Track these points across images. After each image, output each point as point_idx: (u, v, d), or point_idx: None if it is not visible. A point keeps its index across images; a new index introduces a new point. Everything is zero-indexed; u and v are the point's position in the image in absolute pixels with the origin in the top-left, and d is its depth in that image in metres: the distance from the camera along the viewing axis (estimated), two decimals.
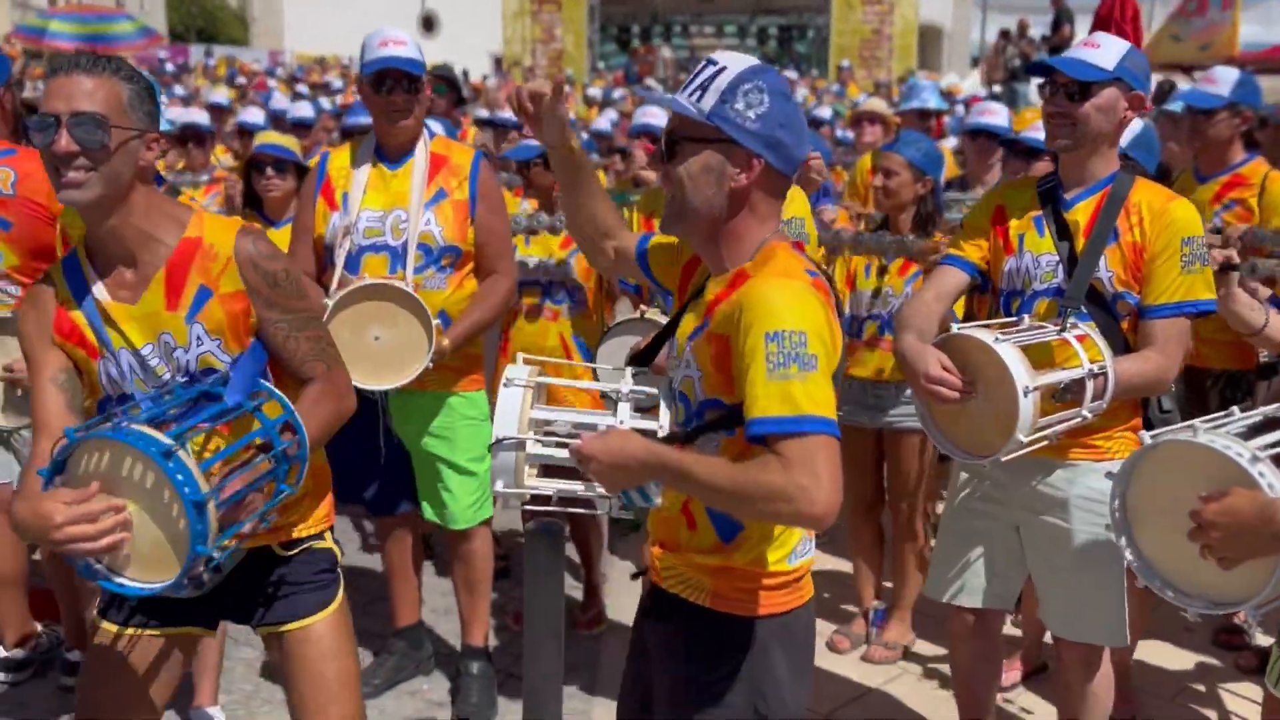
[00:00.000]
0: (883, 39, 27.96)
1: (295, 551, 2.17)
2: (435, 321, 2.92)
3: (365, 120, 7.25)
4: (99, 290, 2.00)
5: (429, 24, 35.74)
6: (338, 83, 16.41)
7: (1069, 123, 2.41)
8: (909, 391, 3.28)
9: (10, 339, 2.84)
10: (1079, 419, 2.31)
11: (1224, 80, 3.74)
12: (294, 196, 4.01)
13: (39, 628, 3.49)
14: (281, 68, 21.56)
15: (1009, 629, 3.44)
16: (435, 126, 4.61)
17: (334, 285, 3.02)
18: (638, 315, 3.42)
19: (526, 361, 1.93)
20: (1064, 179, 2.51)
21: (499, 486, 1.81)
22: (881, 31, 28.02)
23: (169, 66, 15.02)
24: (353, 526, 4.76)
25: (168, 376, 2.01)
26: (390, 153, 3.15)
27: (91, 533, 1.72)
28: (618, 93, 16.72)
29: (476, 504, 3.29)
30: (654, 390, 1.88)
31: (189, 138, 5.48)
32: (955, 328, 2.34)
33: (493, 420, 1.83)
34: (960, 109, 11.21)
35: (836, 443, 1.62)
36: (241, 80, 15.45)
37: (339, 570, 2.26)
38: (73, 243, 2.90)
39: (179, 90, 11.41)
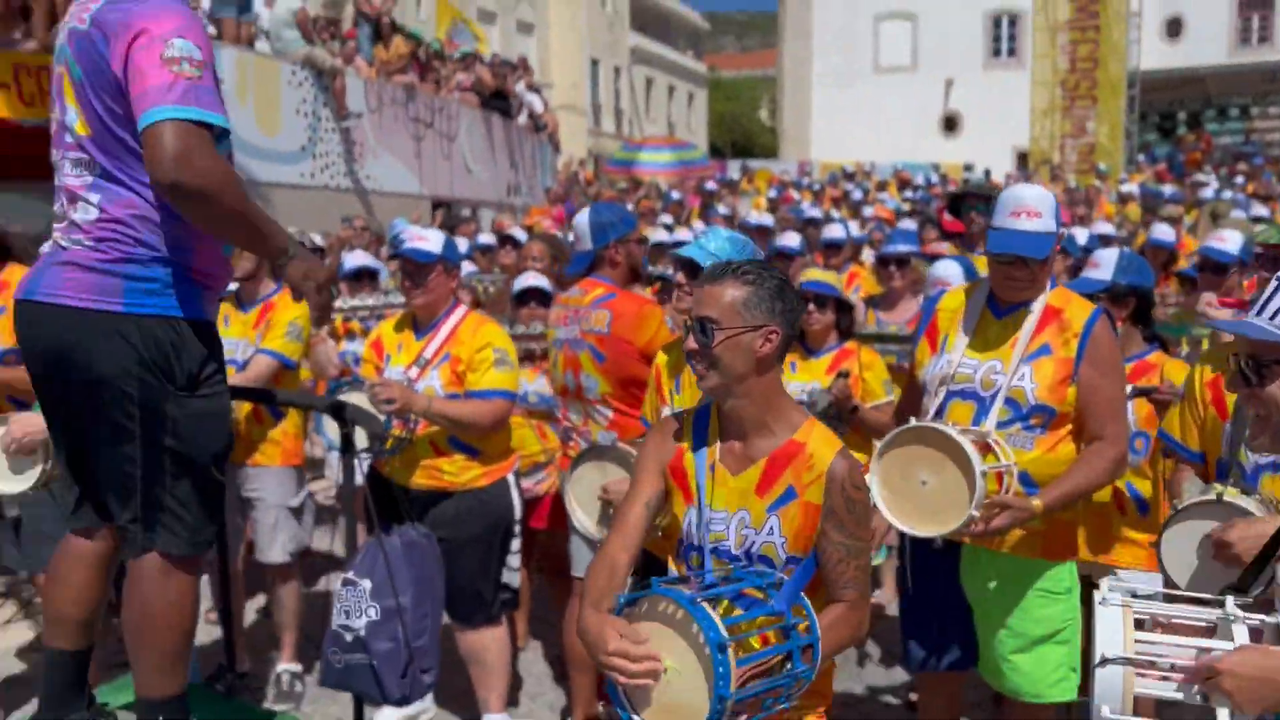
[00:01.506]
0: None
1: None
2: (981, 468, 2.74)
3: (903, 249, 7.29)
4: (714, 451, 2.24)
5: (950, 124, 35.81)
6: (857, 193, 16.83)
7: None
8: None
9: (609, 463, 3.18)
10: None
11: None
12: (830, 329, 4.16)
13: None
14: (808, 177, 22.79)
15: None
16: (953, 268, 4.54)
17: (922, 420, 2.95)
18: (1213, 497, 2.97)
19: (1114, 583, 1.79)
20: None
21: (1105, 713, 1.71)
22: None
23: (709, 185, 16.62)
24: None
25: (727, 545, 2.18)
26: (1001, 303, 3.01)
27: (628, 669, 1.95)
28: (1168, 189, 15.22)
29: (1048, 680, 2.99)
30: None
31: None
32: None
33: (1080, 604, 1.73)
34: None
35: None
36: (772, 194, 16.55)
37: None
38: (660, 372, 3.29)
39: (721, 209, 12.51)
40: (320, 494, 4.79)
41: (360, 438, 3.09)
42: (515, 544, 3.82)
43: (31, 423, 3.48)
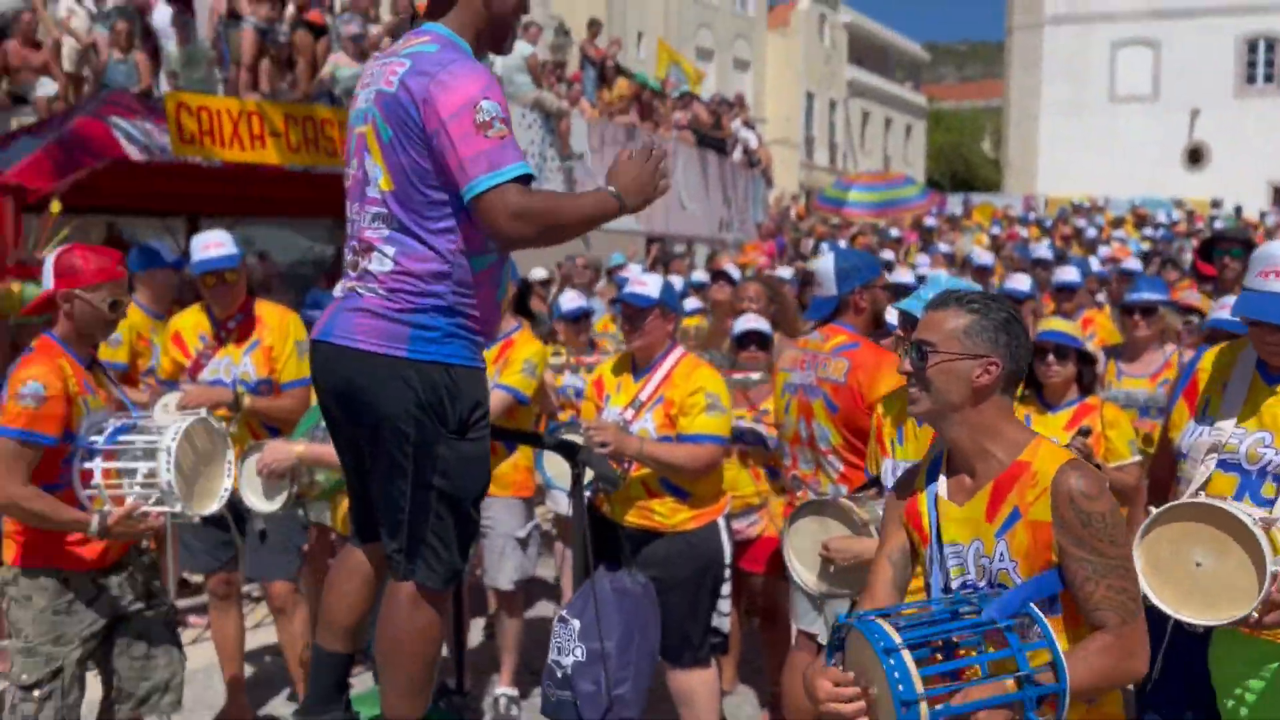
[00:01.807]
0: None
1: None
2: (1272, 568, 2.39)
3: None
4: (941, 485, 2.20)
5: (1195, 156, 33.35)
6: (1090, 230, 15.88)
7: None
8: None
9: (829, 518, 3.10)
10: None
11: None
12: (1070, 383, 3.92)
13: None
14: (1033, 212, 21.75)
15: None
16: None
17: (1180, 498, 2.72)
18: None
19: None
20: None
21: None
22: None
23: (929, 221, 16.13)
24: None
25: (970, 579, 2.11)
26: (1271, 368, 2.69)
27: (844, 712, 1.96)
28: None
29: None
30: None
31: None
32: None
33: None
34: None
35: None
36: (995, 230, 15.89)
37: None
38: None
39: (942, 247, 12.13)
40: (541, 520, 4.95)
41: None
42: (725, 588, 3.81)
43: (280, 450, 3.79)
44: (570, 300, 5.98)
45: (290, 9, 9.92)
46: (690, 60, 23.08)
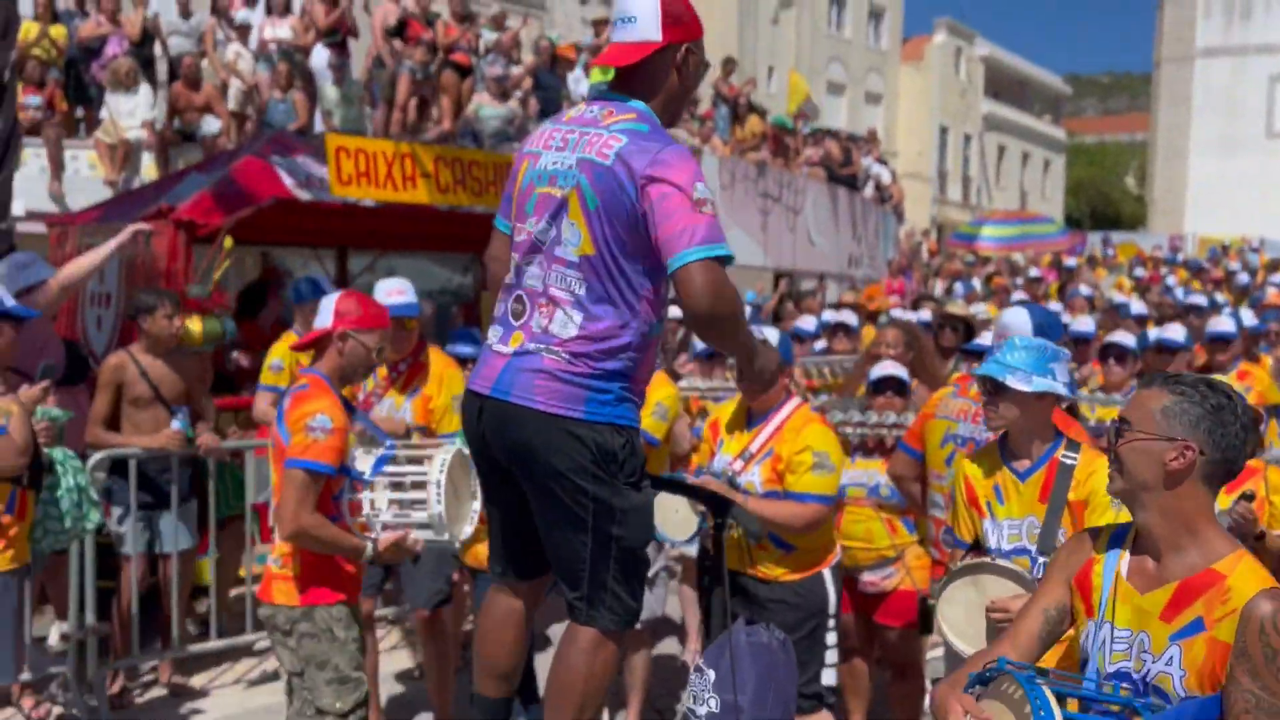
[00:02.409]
0: None
1: None
2: None
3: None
4: (1123, 562, 2.13)
5: None
6: (1244, 275, 15.05)
7: None
8: None
9: (986, 577, 2.97)
10: None
11: None
12: None
13: None
14: (1180, 253, 20.77)
15: None
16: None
17: None
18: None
19: None
20: None
21: None
22: None
23: (1069, 261, 15.58)
24: None
25: (1126, 667, 2.05)
26: None
27: None
28: None
29: None
30: None
31: None
32: None
33: None
34: None
35: None
36: (1140, 272, 15.23)
37: None
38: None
39: (1084, 290, 11.69)
40: (668, 560, 4.98)
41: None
42: (831, 638, 3.76)
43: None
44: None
45: (439, 51, 10.35)
46: (819, 94, 22.94)
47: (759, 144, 13.36)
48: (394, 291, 4.22)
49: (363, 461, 3.30)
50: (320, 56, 10.25)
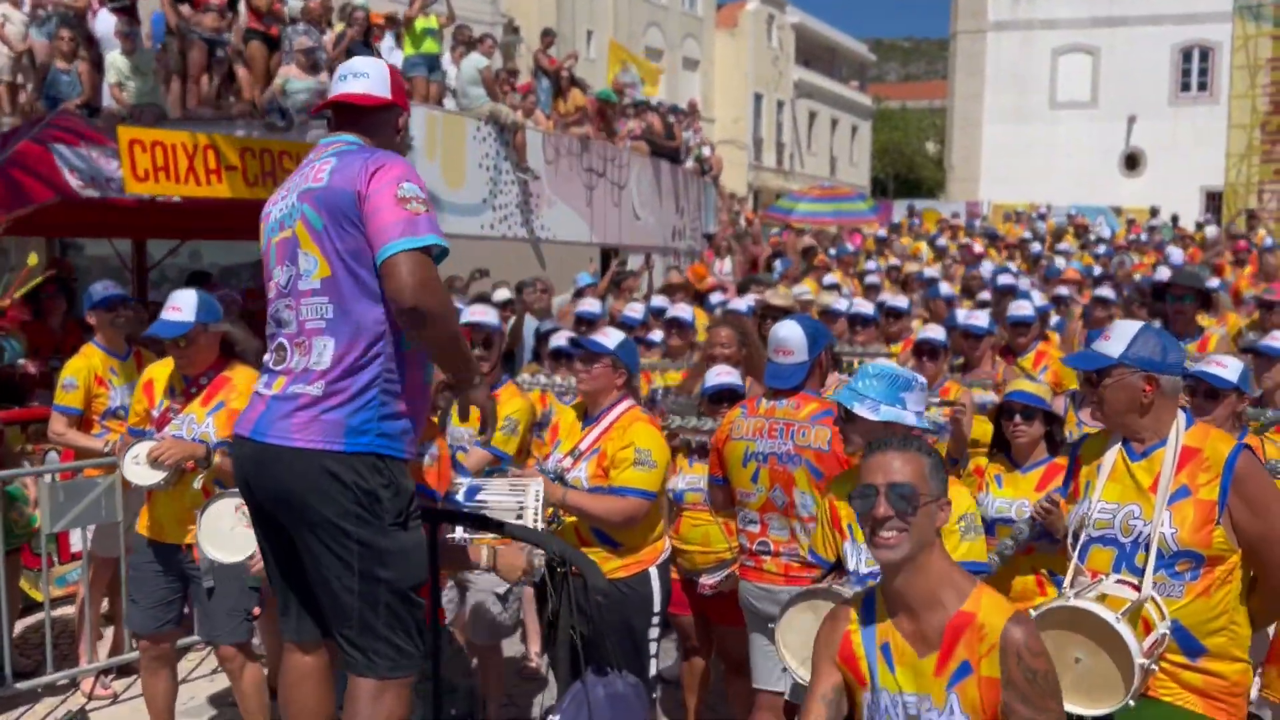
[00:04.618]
0: None
1: None
2: (1139, 661, 2.52)
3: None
4: (884, 629, 2.19)
5: (1132, 162, 34.12)
6: (1036, 245, 16.10)
7: None
8: None
9: (821, 602, 3.06)
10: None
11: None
12: (1038, 442, 3.97)
13: None
14: (979, 220, 22.02)
15: None
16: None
17: (1065, 580, 2.89)
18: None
19: None
20: None
21: None
22: None
23: (881, 232, 16.27)
24: None
25: None
26: (1136, 446, 2.87)
27: None
28: None
29: None
30: None
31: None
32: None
33: None
34: None
35: None
36: (943, 242, 16.05)
37: None
38: None
39: (872, 265, 12.15)
40: None
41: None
42: (654, 633, 3.86)
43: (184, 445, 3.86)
44: (558, 340, 5.86)
45: (232, 17, 9.67)
46: (635, 58, 23.07)
47: (582, 119, 13.24)
48: (170, 309, 4.00)
49: (456, 490, 3.24)
50: (106, 22, 9.40)
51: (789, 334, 3.82)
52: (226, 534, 3.61)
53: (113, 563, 5.13)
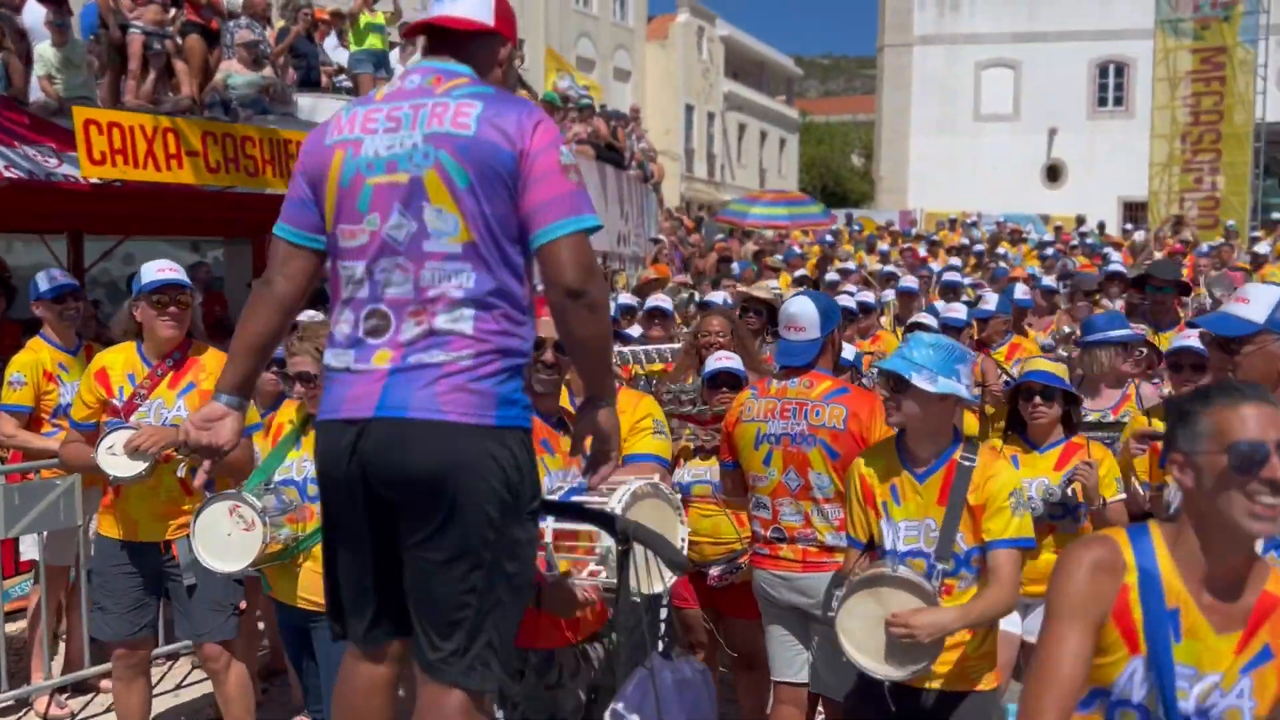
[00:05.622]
0: None
1: None
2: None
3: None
4: (1176, 594, 1.90)
5: (1054, 174, 35.08)
6: (979, 248, 16.39)
7: None
8: None
9: (884, 590, 2.90)
10: None
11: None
12: (1055, 423, 3.92)
13: None
14: (915, 226, 22.38)
15: None
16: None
17: None
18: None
19: None
20: None
21: None
22: None
23: (827, 238, 16.42)
24: None
25: (1186, 708, 1.89)
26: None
27: None
28: None
29: None
30: None
31: None
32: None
33: None
34: None
35: None
36: (884, 247, 16.25)
37: None
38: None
39: (834, 268, 12.18)
40: None
41: None
42: (662, 613, 3.66)
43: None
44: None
45: (176, 12, 9.28)
46: (572, 69, 22.98)
47: None
48: (165, 268, 3.81)
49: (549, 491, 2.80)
50: (35, 13, 8.92)
51: (801, 309, 3.71)
52: (224, 541, 3.34)
53: (65, 571, 4.79)
